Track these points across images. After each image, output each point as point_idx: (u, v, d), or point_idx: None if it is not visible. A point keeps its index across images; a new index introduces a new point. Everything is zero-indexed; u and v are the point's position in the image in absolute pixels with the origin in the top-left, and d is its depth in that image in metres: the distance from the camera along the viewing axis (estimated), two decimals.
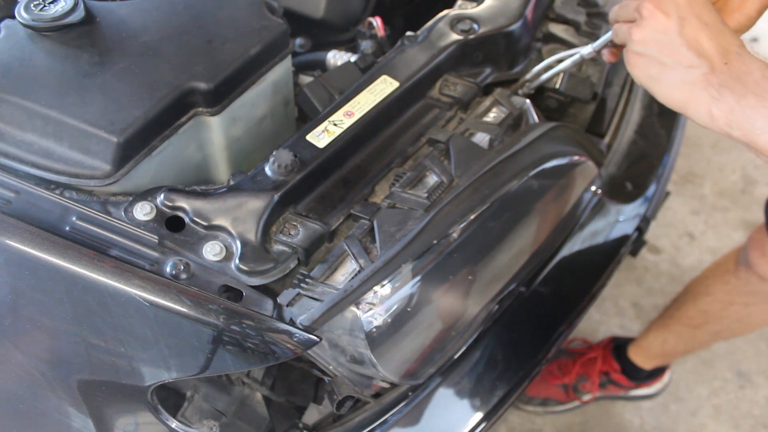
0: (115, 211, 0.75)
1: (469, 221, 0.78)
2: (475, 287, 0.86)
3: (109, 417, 0.76)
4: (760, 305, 1.34)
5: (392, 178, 0.84)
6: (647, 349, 1.63)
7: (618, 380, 1.70)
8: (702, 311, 1.43)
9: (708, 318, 1.42)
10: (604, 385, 1.72)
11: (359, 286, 0.71)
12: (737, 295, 1.35)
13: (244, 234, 0.74)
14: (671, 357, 1.66)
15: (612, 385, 1.72)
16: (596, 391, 1.71)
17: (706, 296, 1.41)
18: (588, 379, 1.70)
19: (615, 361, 1.70)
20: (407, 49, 0.92)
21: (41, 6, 0.79)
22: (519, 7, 0.98)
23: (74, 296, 0.70)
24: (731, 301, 1.36)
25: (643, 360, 1.66)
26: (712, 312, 1.41)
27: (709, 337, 1.48)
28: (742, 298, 1.34)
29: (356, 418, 0.89)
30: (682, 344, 1.54)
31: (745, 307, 1.36)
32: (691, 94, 0.65)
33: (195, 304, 0.69)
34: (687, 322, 1.47)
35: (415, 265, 0.75)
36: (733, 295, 1.35)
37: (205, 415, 0.83)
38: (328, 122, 0.83)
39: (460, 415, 0.95)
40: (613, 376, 1.70)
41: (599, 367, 1.70)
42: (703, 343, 1.54)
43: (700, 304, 1.43)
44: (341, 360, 0.78)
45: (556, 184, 0.94)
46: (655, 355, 1.63)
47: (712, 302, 1.40)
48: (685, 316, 1.47)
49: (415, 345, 0.82)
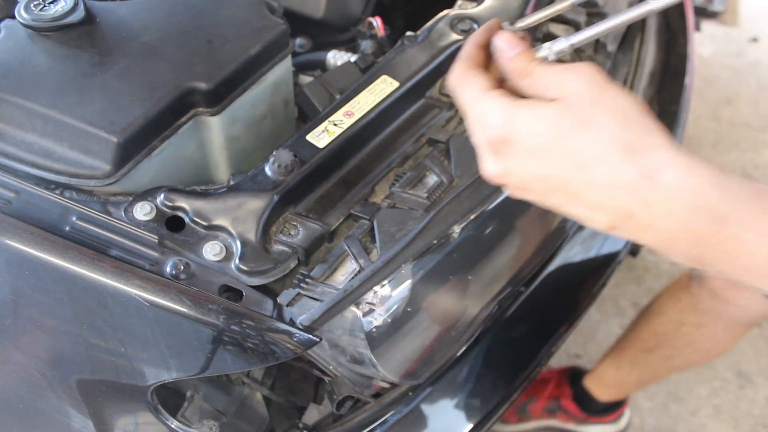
0: (115, 211, 0.75)
1: (469, 221, 0.78)
2: (475, 287, 0.86)
3: (109, 417, 0.76)
4: (710, 328, 1.28)
5: (392, 178, 0.84)
6: (602, 377, 1.56)
7: (567, 407, 1.62)
8: (654, 333, 1.37)
9: (660, 340, 1.36)
10: (553, 411, 1.64)
11: (359, 286, 0.71)
12: (689, 313, 1.29)
13: (244, 234, 0.74)
14: (625, 387, 1.57)
15: (562, 412, 1.64)
16: (540, 415, 1.64)
17: (659, 316, 1.35)
18: (537, 400, 1.64)
19: (568, 387, 1.63)
20: (407, 49, 0.92)
21: (41, 6, 0.79)
22: (519, 7, 0.98)
23: (74, 296, 0.70)
24: (682, 321, 1.30)
25: (598, 389, 1.58)
26: (664, 333, 1.35)
27: (660, 363, 1.41)
28: (693, 318, 1.28)
29: (356, 418, 0.89)
30: (635, 371, 1.46)
31: (696, 329, 1.29)
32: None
33: (195, 304, 0.69)
34: (640, 345, 1.41)
35: (415, 265, 0.75)
36: (685, 314, 1.29)
37: (205, 415, 0.83)
38: (328, 122, 0.83)
39: (459, 415, 0.95)
40: (563, 401, 1.62)
41: (549, 391, 1.63)
42: (655, 371, 1.46)
43: (653, 325, 1.37)
44: (341, 360, 0.78)
45: None
46: (610, 383, 1.55)
47: (665, 322, 1.34)
48: (639, 338, 1.41)
49: (415, 345, 0.82)
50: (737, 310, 1.21)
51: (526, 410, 1.65)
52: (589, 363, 1.80)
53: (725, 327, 1.28)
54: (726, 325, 1.27)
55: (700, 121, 2.43)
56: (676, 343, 1.34)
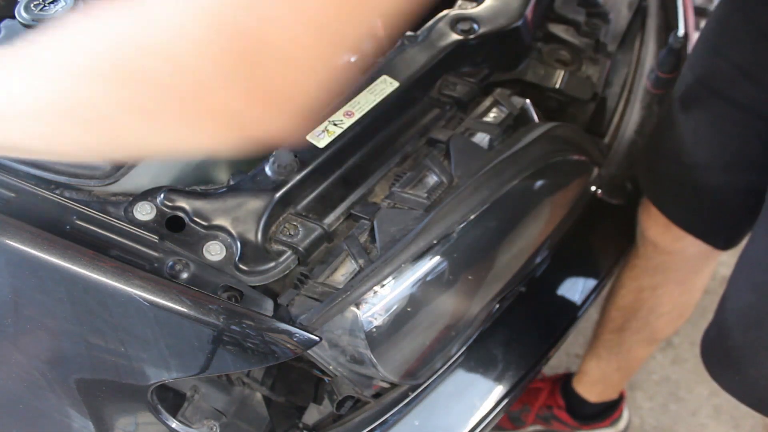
0: (114, 211, 0.75)
1: (469, 221, 0.78)
2: (475, 287, 0.86)
3: (109, 417, 0.76)
4: (665, 287, 1.28)
5: (392, 178, 0.84)
6: (587, 374, 1.55)
7: (561, 417, 1.61)
8: (619, 308, 1.37)
9: (626, 315, 1.36)
10: (547, 419, 1.63)
11: (359, 286, 0.71)
12: (642, 278, 1.29)
13: (244, 234, 0.74)
14: (610, 381, 1.56)
15: (556, 421, 1.63)
16: (533, 422, 1.63)
17: (620, 290, 1.35)
18: (530, 409, 1.63)
19: (560, 397, 1.62)
20: (407, 49, 0.92)
21: (41, 6, 0.79)
22: (519, 7, 0.98)
23: (74, 296, 0.70)
24: (640, 287, 1.30)
25: (586, 389, 1.57)
26: (628, 306, 1.34)
27: (633, 340, 1.41)
28: (647, 280, 1.29)
29: (356, 418, 0.89)
30: (614, 358, 1.46)
31: (653, 291, 1.29)
32: None
33: (195, 304, 0.69)
34: (611, 326, 1.41)
35: (415, 265, 0.75)
36: (640, 279, 1.30)
37: (205, 415, 0.83)
38: (328, 122, 0.83)
39: (460, 415, 0.95)
40: (556, 411, 1.61)
41: (542, 400, 1.62)
42: (632, 352, 1.45)
43: (617, 300, 1.37)
44: (341, 360, 0.78)
45: (556, 184, 0.94)
46: (595, 379, 1.55)
47: (625, 294, 1.34)
48: (608, 319, 1.41)
49: (415, 345, 0.82)
50: (679, 259, 1.23)
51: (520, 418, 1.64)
52: None
53: (677, 282, 1.29)
54: (677, 280, 1.28)
55: None
56: (640, 312, 1.34)
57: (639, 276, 1.30)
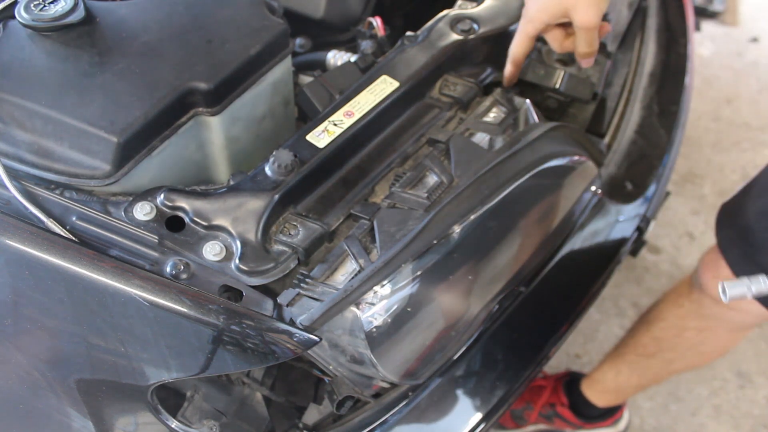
0: (115, 211, 0.75)
1: (469, 221, 0.78)
2: (475, 287, 0.86)
3: (109, 417, 0.76)
4: (713, 331, 1.29)
5: (392, 178, 0.84)
6: (601, 383, 1.56)
7: (564, 414, 1.62)
8: (655, 338, 1.37)
9: (661, 345, 1.37)
10: (550, 418, 1.64)
11: (359, 286, 0.71)
12: (691, 319, 1.29)
13: (244, 234, 0.74)
14: (624, 393, 1.57)
15: (558, 419, 1.64)
16: (536, 421, 1.64)
17: (660, 322, 1.36)
18: (533, 408, 1.63)
19: (564, 395, 1.63)
20: (407, 49, 0.92)
21: (41, 6, 0.79)
22: (519, 7, 0.98)
23: (74, 296, 0.70)
24: (684, 326, 1.31)
25: (596, 395, 1.58)
26: (666, 339, 1.35)
27: (662, 367, 1.42)
28: (696, 323, 1.29)
29: (356, 418, 0.89)
30: (635, 377, 1.47)
31: (699, 333, 1.30)
32: None
33: (195, 304, 0.69)
34: (641, 351, 1.41)
35: (415, 265, 0.75)
36: (687, 320, 1.30)
37: (205, 415, 0.83)
38: (328, 122, 0.83)
39: (460, 415, 0.95)
40: (559, 409, 1.62)
41: (545, 398, 1.63)
42: (656, 375, 1.47)
43: (654, 331, 1.37)
44: (341, 360, 0.78)
45: (556, 184, 0.94)
46: (609, 389, 1.55)
47: (666, 328, 1.35)
48: (639, 344, 1.41)
49: (415, 345, 0.82)
50: (740, 314, 1.22)
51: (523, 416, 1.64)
52: (588, 363, 1.80)
53: (728, 330, 1.28)
54: (729, 327, 1.28)
55: (700, 121, 2.43)
56: (679, 347, 1.35)
57: (686, 316, 1.30)
